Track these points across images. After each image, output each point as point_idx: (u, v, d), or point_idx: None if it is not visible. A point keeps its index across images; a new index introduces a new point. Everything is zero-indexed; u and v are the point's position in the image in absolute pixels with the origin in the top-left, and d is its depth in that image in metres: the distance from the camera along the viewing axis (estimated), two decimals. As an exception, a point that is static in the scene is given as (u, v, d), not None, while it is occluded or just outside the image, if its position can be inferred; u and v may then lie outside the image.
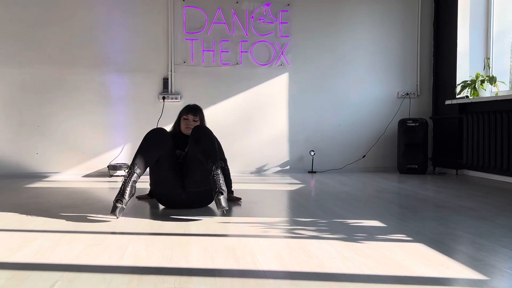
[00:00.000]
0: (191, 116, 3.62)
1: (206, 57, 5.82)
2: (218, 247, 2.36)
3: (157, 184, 3.37)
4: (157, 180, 3.35)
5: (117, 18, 5.67)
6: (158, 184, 3.36)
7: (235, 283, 1.85)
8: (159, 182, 3.34)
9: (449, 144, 5.87)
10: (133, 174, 3.05)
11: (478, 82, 5.40)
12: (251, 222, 2.98)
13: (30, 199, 3.92)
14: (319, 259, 2.15)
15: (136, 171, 3.07)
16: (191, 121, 3.61)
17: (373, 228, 2.79)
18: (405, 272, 1.97)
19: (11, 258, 2.19)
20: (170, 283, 1.85)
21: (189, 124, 3.59)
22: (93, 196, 4.11)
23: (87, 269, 2.03)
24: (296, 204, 3.75)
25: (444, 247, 2.35)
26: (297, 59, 5.99)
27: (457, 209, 3.42)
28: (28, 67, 5.53)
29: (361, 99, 6.13)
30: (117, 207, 2.94)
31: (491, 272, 1.99)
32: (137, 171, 3.07)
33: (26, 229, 2.78)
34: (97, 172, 5.65)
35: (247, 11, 5.84)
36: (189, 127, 3.56)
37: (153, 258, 2.18)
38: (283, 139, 6.00)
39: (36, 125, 5.57)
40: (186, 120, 3.63)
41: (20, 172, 5.53)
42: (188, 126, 3.58)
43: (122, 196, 2.97)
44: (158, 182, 3.35)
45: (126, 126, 5.71)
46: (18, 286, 1.82)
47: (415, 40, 6.19)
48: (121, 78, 5.69)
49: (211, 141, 3.18)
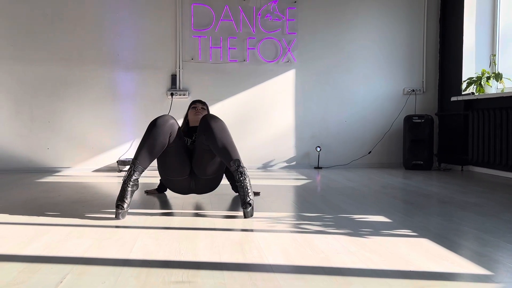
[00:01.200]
0: (199, 104, 3.73)
1: (214, 54, 5.84)
2: (225, 241, 2.39)
3: (165, 171, 3.34)
4: (164, 167, 3.31)
5: (126, 15, 5.71)
6: (166, 171, 3.33)
7: (242, 276, 1.88)
8: (167, 169, 3.31)
9: (455, 140, 5.87)
10: (133, 174, 2.97)
11: (484, 78, 5.39)
12: (258, 217, 3.00)
13: (41, 193, 3.97)
14: (325, 254, 2.17)
15: (137, 169, 2.99)
16: (199, 108, 3.69)
17: (378, 223, 2.81)
18: (410, 267, 1.99)
19: (22, 251, 2.23)
20: (178, 276, 1.88)
21: (198, 111, 3.66)
22: (102, 191, 4.14)
23: (96, 262, 2.07)
24: (302, 199, 3.77)
25: (449, 243, 2.37)
26: (304, 55, 6.00)
27: (462, 205, 3.43)
28: (39, 64, 5.59)
29: (367, 95, 6.14)
30: (119, 212, 2.91)
31: (495, 267, 2.01)
32: (138, 169, 2.99)
33: (37, 223, 2.82)
34: (107, 167, 5.70)
35: (254, 8, 5.86)
36: (198, 113, 3.65)
37: (161, 252, 2.21)
38: (289, 135, 6.02)
39: (47, 121, 5.62)
40: (194, 109, 3.70)
41: (32, 167, 5.59)
42: (197, 113, 3.65)
43: (122, 201, 2.91)
44: (166, 169, 3.32)
45: (135, 122, 5.75)
46: (29, 278, 1.86)
47: (421, 36, 6.19)
48: (130, 74, 5.73)
49: (226, 134, 3.11)
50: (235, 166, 3.01)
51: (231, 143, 3.10)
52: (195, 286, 1.78)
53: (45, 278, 1.86)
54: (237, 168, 3.01)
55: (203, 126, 3.12)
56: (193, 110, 3.70)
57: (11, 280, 1.84)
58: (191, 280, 1.84)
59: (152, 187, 3.98)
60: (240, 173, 2.99)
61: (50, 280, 1.84)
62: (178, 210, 3.25)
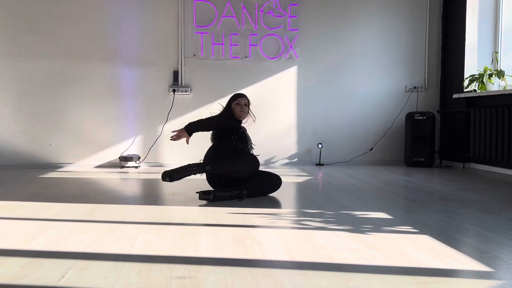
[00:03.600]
0: (242, 100, 3.86)
1: (216, 50, 5.85)
2: (227, 237, 2.40)
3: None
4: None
5: (128, 12, 5.71)
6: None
7: (244, 272, 1.89)
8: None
9: (456, 137, 5.87)
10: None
11: (486, 76, 5.39)
12: (260, 213, 3.01)
13: (43, 189, 3.99)
14: (326, 250, 2.18)
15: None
16: (243, 104, 3.84)
17: (379, 220, 2.82)
18: (411, 264, 2.00)
19: (25, 246, 2.24)
20: (180, 271, 1.89)
21: (243, 108, 3.84)
22: (105, 187, 4.16)
23: (98, 258, 2.08)
24: (304, 195, 3.78)
25: (450, 239, 2.37)
26: (306, 52, 6.00)
27: (464, 202, 3.43)
28: (42, 60, 5.59)
29: (369, 92, 6.13)
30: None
31: (496, 264, 2.01)
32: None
33: (40, 218, 2.83)
34: (109, 163, 5.71)
35: (256, 4, 5.86)
36: (243, 110, 3.83)
37: (163, 247, 2.22)
38: (291, 132, 6.03)
39: (49, 117, 5.63)
40: (238, 105, 3.84)
41: (34, 162, 5.61)
42: (242, 110, 3.83)
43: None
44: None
45: (137, 118, 5.76)
46: (32, 273, 1.87)
47: (423, 33, 6.18)
48: (132, 71, 5.74)
49: None
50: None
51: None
52: (196, 281, 1.79)
53: (48, 273, 1.87)
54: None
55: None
56: (238, 107, 3.83)
57: (14, 274, 1.85)
58: (192, 275, 1.85)
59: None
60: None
61: (52, 275, 1.85)
62: (180, 206, 3.26)
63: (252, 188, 3.56)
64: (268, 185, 3.71)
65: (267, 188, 3.69)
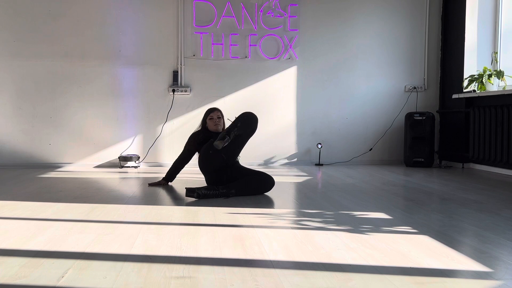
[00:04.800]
0: (214, 114, 4.06)
1: (215, 50, 5.85)
2: (226, 237, 2.41)
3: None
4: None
5: (128, 11, 5.71)
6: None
7: (243, 272, 1.89)
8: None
9: (456, 137, 5.87)
10: None
11: (486, 76, 5.39)
12: (259, 213, 3.01)
13: (43, 188, 3.99)
14: (326, 250, 2.18)
15: None
16: (216, 118, 4.04)
17: (379, 220, 2.82)
18: (410, 264, 2.00)
19: (24, 245, 2.24)
20: (179, 271, 1.89)
21: (216, 121, 4.03)
22: (104, 187, 4.16)
23: (98, 257, 2.08)
24: (303, 196, 3.78)
25: (449, 239, 2.38)
26: (305, 52, 6.00)
27: (463, 202, 3.44)
28: (41, 59, 5.59)
29: (368, 92, 6.14)
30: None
31: (495, 264, 2.02)
32: None
33: (39, 218, 2.83)
34: (108, 163, 5.71)
35: (256, 4, 5.86)
36: (217, 123, 4.02)
37: (162, 247, 2.22)
38: (290, 132, 6.03)
39: (48, 117, 5.63)
40: (212, 120, 4.02)
41: (34, 162, 5.61)
42: (216, 123, 4.02)
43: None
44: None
45: (137, 118, 5.76)
46: (31, 273, 1.87)
47: (423, 34, 6.18)
48: (132, 71, 5.74)
49: None
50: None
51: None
52: (196, 281, 1.79)
53: (47, 272, 1.87)
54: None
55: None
56: (211, 121, 4.02)
57: (13, 274, 1.85)
58: (192, 275, 1.85)
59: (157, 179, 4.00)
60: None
61: (52, 274, 1.85)
62: (179, 206, 3.26)
63: (241, 187, 3.61)
64: (258, 185, 3.73)
65: (257, 188, 3.72)
